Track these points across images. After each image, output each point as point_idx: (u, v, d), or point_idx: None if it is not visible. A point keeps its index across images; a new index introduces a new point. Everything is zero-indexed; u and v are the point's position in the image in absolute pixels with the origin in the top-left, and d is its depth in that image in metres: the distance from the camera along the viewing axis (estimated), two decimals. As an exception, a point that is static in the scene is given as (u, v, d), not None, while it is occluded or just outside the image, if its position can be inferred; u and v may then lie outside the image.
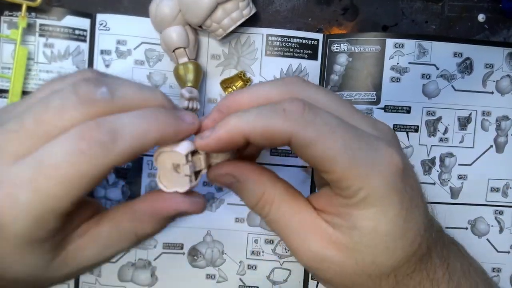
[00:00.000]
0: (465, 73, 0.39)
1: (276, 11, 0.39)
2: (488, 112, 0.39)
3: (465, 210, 0.40)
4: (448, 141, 0.39)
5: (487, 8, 0.40)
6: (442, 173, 0.39)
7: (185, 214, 0.25)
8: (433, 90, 0.39)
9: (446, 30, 0.40)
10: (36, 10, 0.37)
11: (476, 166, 0.39)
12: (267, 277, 0.39)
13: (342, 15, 0.40)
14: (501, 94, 0.39)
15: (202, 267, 0.39)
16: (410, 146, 0.39)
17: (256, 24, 0.39)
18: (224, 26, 0.35)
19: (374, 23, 0.40)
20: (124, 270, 0.38)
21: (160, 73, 0.38)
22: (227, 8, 0.34)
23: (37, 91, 0.23)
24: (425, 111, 0.39)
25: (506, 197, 0.40)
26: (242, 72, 0.38)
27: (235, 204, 0.39)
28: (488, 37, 0.40)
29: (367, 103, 0.38)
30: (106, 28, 0.38)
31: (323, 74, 0.39)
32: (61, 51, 0.37)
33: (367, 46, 0.38)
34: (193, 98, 0.35)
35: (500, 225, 0.40)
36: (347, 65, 0.38)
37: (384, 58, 0.38)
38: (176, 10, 0.35)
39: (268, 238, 0.39)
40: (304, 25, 0.39)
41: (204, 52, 0.38)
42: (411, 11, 0.40)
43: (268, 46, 0.38)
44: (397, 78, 0.38)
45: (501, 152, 0.40)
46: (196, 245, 0.39)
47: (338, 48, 0.39)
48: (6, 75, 0.36)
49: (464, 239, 0.39)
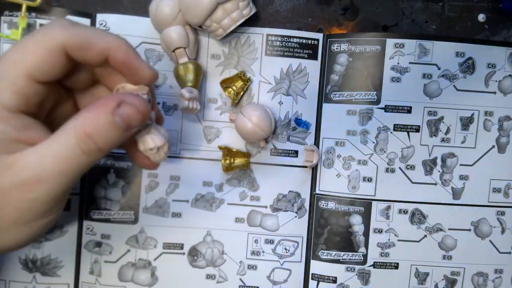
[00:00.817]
0: (467, 73, 0.39)
1: (276, 11, 0.39)
2: (490, 112, 0.39)
3: (468, 211, 0.39)
4: (450, 141, 0.39)
5: (487, 8, 0.39)
6: (443, 173, 0.39)
7: (128, 113, 0.24)
8: (434, 90, 0.39)
9: (446, 30, 0.39)
10: (36, 10, 0.37)
11: (478, 167, 0.39)
12: (267, 277, 0.39)
13: (342, 15, 0.39)
14: (503, 94, 0.39)
15: (202, 267, 0.39)
16: (411, 146, 0.39)
17: (256, 24, 0.39)
18: (224, 26, 0.35)
19: (374, 23, 0.40)
20: (124, 270, 0.38)
21: (160, 73, 0.38)
22: (227, 8, 0.34)
23: None
24: (427, 111, 0.39)
25: (508, 197, 0.39)
26: (242, 72, 0.38)
27: (235, 204, 0.39)
28: (488, 37, 0.39)
29: (368, 103, 0.38)
30: (106, 28, 0.38)
31: (323, 74, 0.39)
32: (62, 51, 0.37)
33: (367, 46, 0.38)
34: (193, 98, 0.35)
35: (502, 226, 0.39)
36: (347, 65, 0.38)
37: (384, 58, 0.38)
38: (176, 10, 0.35)
39: (268, 238, 0.39)
40: (304, 25, 0.39)
41: (204, 52, 0.38)
42: (411, 11, 0.39)
43: (268, 46, 0.38)
44: (397, 78, 0.38)
45: (503, 152, 0.39)
46: (196, 245, 0.39)
47: (338, 48, 0.39)
48: (7, 75, 0.36)
49: (467, 241, 0.39)
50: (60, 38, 0.23)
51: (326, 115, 0.39)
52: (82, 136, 0.23)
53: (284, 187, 0.39)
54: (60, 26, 0.23)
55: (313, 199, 0.39)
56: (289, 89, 0.39)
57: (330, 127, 0.39)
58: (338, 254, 0.39)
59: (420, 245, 0.39)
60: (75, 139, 0.23)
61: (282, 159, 0.39)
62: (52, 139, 0.23)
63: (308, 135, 0.39)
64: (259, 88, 0.39)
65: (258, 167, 0.39)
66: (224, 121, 0.39)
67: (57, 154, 0.23)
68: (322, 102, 0.39)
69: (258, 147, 0.39)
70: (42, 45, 0.23)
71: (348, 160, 0.39)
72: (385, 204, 0.39)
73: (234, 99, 0.38)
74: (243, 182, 0.39)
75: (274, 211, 0.39)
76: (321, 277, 0.39)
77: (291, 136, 0.39)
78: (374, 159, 0.39)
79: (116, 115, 0.23)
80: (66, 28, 0.23)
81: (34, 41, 0.23)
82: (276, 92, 0.39)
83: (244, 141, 0.39)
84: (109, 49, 0.24)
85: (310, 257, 0.39)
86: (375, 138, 0.38)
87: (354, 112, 0.38)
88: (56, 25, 0.24)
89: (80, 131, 0.23)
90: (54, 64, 0.23)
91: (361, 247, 0.39)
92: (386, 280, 0.39)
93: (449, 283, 0.39)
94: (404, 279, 0.39)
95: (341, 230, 0.39)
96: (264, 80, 0.39)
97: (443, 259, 0.39)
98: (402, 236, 0.39)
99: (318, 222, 0.39)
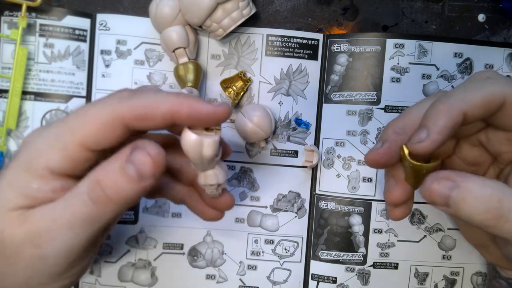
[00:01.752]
0: (465, 74, 0.39)
1: (276, 11, 0.39)
2: (489, 113, 0.39)
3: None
4: (448, 142, 0.39)
5: (487, 8, 0.39)
6: (442, 173, 0.39)
7: (141, 160, 0.22)
8: (433, 91, 0.39)
9: (446, 30, 0.40)
10: (36, 10, 0.37)
11: (477, 167, 0.39)
12: (267, 277, 0.39)
13: (342, 15, 0.39)
14: (502, 94, 0.39)
15: (202, 267, 0.39)
16: (410, 146, 0.39)
17: (256, 24, 0.39)
18: (224, 26, 0.35)
19: (374, 23, 0.40)
20: (124, 270, 0.38)
21: (160, 73, 0.38)
22: (227, 8, 0.34)
23: None
24: (426, 112, 0.39)
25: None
26: (242, 72, 0.38)
27: (235, 204, 0.39)
28: (488, 37, 0.39)
29: (367, 103, 0.38)
30: (106, 28, 0.38)
31: (323, 74, 0.39)
32: (61, 51, 0.37)
33: (367, 46, 0.38)
34: (193, 98, 0.35)
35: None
36: (347, 65, 0.38)
37: (384, 58, 0.38)
38: (176, 10, 0.35)
39: (268, 238, 0.39)
40: (304, 25, 0.39)
41: (204, 52, 0.38)
42: (411, 11, 0.39)
43: (268, 46, 0.38)
44: (397, 78, 0.38)
45: (502, 152, 0.39)
46: (196, 245, 0.39)
47: (339, 48, 0.39)
48: (6, 75, 0.36)
49: (466, 241, 0.39)
50: (118, 112, 0.22)
51: (326, 115, 0.39)
52: (93, 183, 0.22)
53: (284, 187, 0.39)
54: (119, 99, 0.23)
55: (313, 199, 0.39)
56: (289, 89, 0.39)
57: (330, 128, 0.39)
58: (338, 254, 0.39)
59: (419, 245, 0.39)
60: (86, 188, 0.22)
61: (282, 159, 0.39)
62: (70, 191, 0.22)
63: (308, 135, 0.39)
64: (259, 88, 0.39)
65: (258, 167, 0.39)
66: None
67: (66, 204, 0.22)
68: (322, 103, 0.39)
69: (258, 147, 0.39)
70: (100, 118, 0.22)
71: (348, 160, 0.39)
72: (385, 205, 0.39)
73: (234, 99, 0.38)
74: (243, 182, 0.39)
75: (274, 211, 0.39)
76: (321, 277, 0.39)
77: (291, 136, 0.39)
78: (374, 159, 0.39)
79: (128, 161, 0.22)
80: (125, 101, 0.22)
81: (93, 113, 0.22)
82: (276, 92, 0.39)
83: (244, 141, 0.39)
84: (172, 114, 0.23)
85: (310, 257, 0.39)
86: (375, 138, 0.39)
87: (354, 112, 0.38)
88: (115, 98, 0.23)
89: (92, 179, 0.22)
90: (111, 136, 0.22)
91: (361, 247, 0.39)
92: (386, 280, 0.39)
93: (448, 283, 0.39)
94: (403, 279, 0.39)
95: (341, 231, 0.39)
96: (264, 80, 0.39)
97: (443, 259, 0.39)
98: (401, 236, 0.39)
99: (318, 222, 0.39)
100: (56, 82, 0.37)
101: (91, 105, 0.23)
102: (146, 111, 0.22)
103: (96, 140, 0.22)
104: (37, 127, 0.27)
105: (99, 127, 0.22)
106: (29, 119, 0.37)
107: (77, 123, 0.22)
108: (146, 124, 0.23)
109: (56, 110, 0.37)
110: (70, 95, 0.37)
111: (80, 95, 0.38)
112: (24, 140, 0.23)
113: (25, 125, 0.37)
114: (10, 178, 0.22)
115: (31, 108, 0.37)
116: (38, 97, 0.37)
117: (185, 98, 0.23)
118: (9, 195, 0.22)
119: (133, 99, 0.22)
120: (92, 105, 0.23)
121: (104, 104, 0.23)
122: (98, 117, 0.22)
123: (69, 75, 0.37)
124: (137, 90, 0.24)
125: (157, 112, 0.22)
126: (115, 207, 0.22)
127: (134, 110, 0.22)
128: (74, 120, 0.23)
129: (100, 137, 0.22)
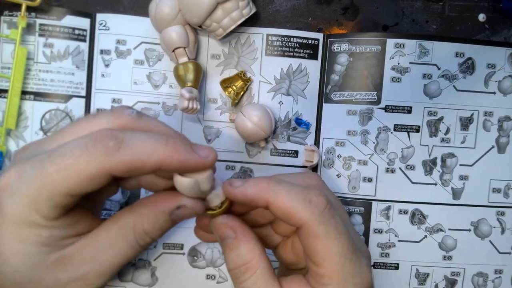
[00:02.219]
0: (467, 73, 0.39)
1: (276, 11, 0.39)
2: (490, 113, 0.39)
3: (468, 211, 0.39)
4: (449, 142, 0.39)
5: (487, 7, 0.39)
6: (443, 173, 0.39)
7: (185, 214, 0.25)
8: (434, 90, 0.39)
9: (447, 30, 0.39)
10: (36, 10, 0.37)
11: (478, 167, 0.39)
12: (267, 278, 0.39)
13: (343, 14, 0.39)
14: (503, 94, 0.39)
15: (202, 267, 0.39)
16: (411, 146, 0.39)
17: (256, 23, 0.39)
18: (224, 26, 0.35)
19: (375, 23, 0.40)
20: (124, 270, 0.38)
21: (160, 73, 0.38)
22: (227, 7, 0.34)
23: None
24: (427, 111, 0.39)
25: (508, 197, 0.39)
26: (242, 72, 0.38)
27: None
28: (488, 37, 0.39)
29: (368, 103, 0.38)
30: (105, 28, 0.38)
31: (324, 74, 0.39)
32: (61, 51, 0.37)
33: (367, 46, 0.38)
34: (193, 98, 0.35)
35: (502, 226, 0.39)
36: (348, 65, 0.38)
37: (384, 58, 0.38)
38: (176, 9, 0.35)
39: (268, 238, 0.39)
40: (304, 24, 0.39)
41: (204, 52, 0.38)
42: (411, 11, 0.39)
43: (268, 45, 0.38)
44: (397, 78, 0.38)
45: (502, 152, 0.39)
46: (196, 245, 0.39)
47: (339, 48, 0.38)
48: (6, 75, 0.36)
49: (467, 241, 0.39)
50: (105, 167, 0.22)
51: (326, 115, 0.39)
52: (141, 233, 0.25)
53: (284, 187, 0.39)
54: (105, 150, 0.22)
55: (313, 199, 0.39)
56: (289, 89, 0.39)
57: (330, 127, 0.39)
58: (338, 255, 0.39)
59: (420, 245, 0.39)
60: (133, 236, 0.24)
61: (282, 159, 0.39)
62: (106, 232, 0.25)
63: (308, 135, 0.39)
64: (259, 88, 0.39)
65: (258, 167, 0.39)
66: (224, 121, 0.39)
67: (115, 249, 0.24)
68: (322, 102, 0.39)
69: (258, 147, 0.39)
70: (85, 172, 0.22)
71: (348, 160, 0.39)
72: (385, 205, 0.39)
73: (234, 99, 0.38)
74: (243, 182, 0.39)
75: (274, 211, 0.39)
76: (321, 277, 0.39)
77: (291, 136, 0.39)
78: (374, 159, 0.39)
79: (173, 214, 0.25)
80: (111, 153, 0.22)
81: (78, 168, 0.22)
82: (276, 92, 0.39)
83: (244, 141, 0.39)
84: (160, 166, 0.23)
85: (310, 258, 0.39)
86: (376, 138, 0.38)
87: (355, 112, 0.38)
88: (101, 149, 0.22)
89: (139, 229, 0.25)
90: (97, 185, 0.22)
91: (361, 248, 0.39)
92: (386, 281, 0.39)
93: (449, 284, 0.39)
94: (404, 279, 0.39)
95: (341, 230, 0.39)
96: (264, 80, 0.39)
97: (443, 259, 0.39)
98: (402, 236, 0.39)
99: (318, 222, 0.39)
100: (55, 82, 0.37)
101: (74, 155, 0.22)
102: (134, 166, 0.22)
103: (81, 191, 0.22)
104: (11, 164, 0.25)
105: (85, 181, 0.22)
106: (29, 119, 0.37)
107: (59, 178, 0.22)
108: (133, 175, 0.25)
109: (56, 110, 0.37)
110: (69, 95, 0.37)
111: (79, 95, 0.38)
112: (2, 186, 0.23)
113: (24, 125, 0.37)
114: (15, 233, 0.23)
115: (30, 108, 0.37)
116: (37, 97, 0.37)
117: (174, 149, 0.23)
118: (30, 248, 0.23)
119: (120, 151, 0.22)
120: (76, 156, 0.22)
121: (89, 156, 0.22)
122: (84, 171, 0.22)
123: (69, 75, 0.37)
124: (125, 136, 0.23)
125: (146, 166, 0.23)
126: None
127: (121, 165, 0.22)
128: (56, 174, 0.22)
129: (86, 188, 0.22)
